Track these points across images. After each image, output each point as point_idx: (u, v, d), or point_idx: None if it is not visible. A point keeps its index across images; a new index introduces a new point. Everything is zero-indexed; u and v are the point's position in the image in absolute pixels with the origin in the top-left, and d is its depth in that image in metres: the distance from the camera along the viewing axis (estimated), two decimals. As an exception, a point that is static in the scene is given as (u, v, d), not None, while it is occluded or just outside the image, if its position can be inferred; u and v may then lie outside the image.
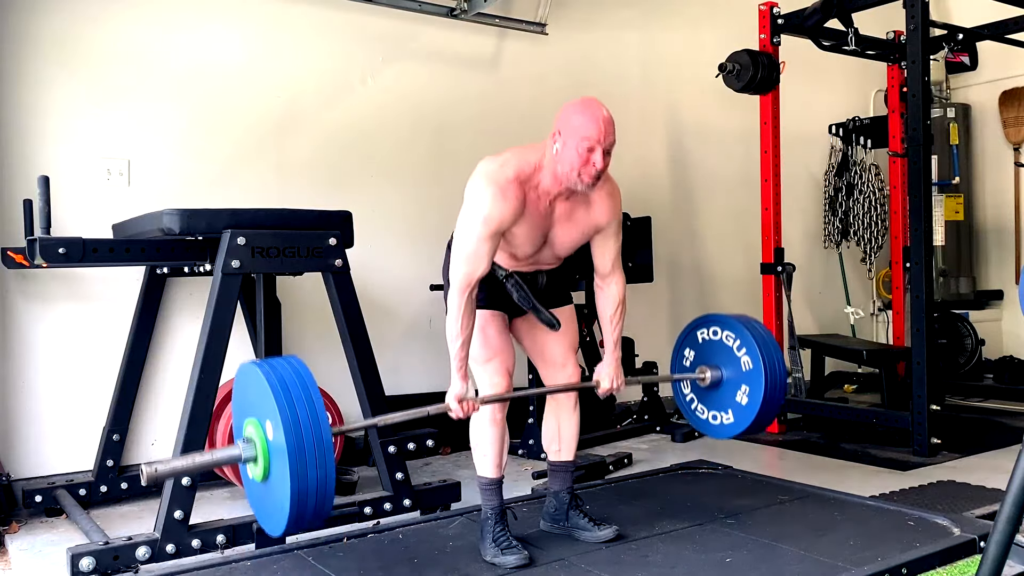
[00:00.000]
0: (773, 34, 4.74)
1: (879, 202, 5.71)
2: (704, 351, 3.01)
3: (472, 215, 2.47)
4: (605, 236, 2.67)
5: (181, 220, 2.93)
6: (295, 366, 2.18)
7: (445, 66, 4.77)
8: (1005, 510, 1.67)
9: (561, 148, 2.46)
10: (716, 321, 3.00)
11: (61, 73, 3.76)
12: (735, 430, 2.93)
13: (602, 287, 2.75)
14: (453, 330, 2.47)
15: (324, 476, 2.07)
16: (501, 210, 2.45)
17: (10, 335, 3.64)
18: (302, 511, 2.08)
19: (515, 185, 2.47)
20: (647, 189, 5.42)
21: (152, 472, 2.03)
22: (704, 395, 3.02)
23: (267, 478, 2.15)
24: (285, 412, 2.05)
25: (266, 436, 2.12)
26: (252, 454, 2.15)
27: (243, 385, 2.27)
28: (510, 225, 2.49)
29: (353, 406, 3.38)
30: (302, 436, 2.04)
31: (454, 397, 2.46)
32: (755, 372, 2.85)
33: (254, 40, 4.23)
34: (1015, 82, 6.32)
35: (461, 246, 2.48)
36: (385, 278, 4.49)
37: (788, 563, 2.50)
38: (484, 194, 2.46)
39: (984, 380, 5.74)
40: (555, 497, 2.82)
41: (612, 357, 2.76)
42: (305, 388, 2.12)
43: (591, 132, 2.42)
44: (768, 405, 2.86)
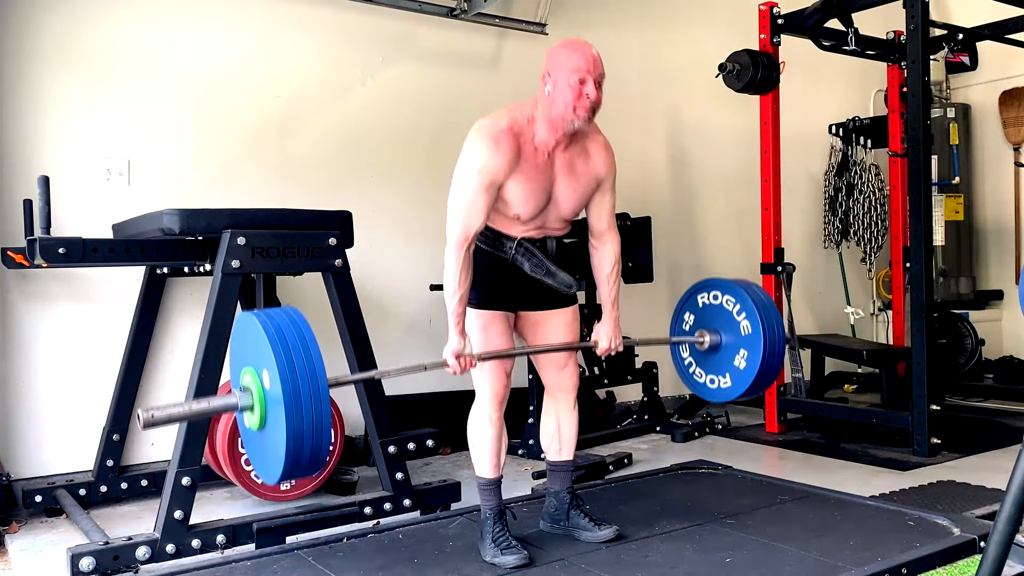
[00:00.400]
0: (773, 34, 4.74)
1: (879, 202, 5.71)
2: (704, 315, 2.98)
3: (466, 168, 2.48)
4: (602, 192, 2.68)
5: (181, 220, 2.93)
6: (292, 316, 2.18)
7: (445, 66, 4.77)
8: (1005, 510, 1.67)
9: (553, 88, 2.48)
10: (717, 285, 2.97)
11: (61, 73, 3.76)
12: (732, 394, 2.90)
13: (597, 247, 2.74)
14: (451, 285, 2.47)
15: (319, 424, 2.08)
16: (495, 160, 2.45)
17: (10, 335, 3.64)
18: (297, 459, 2.08)
19: (509, 136, 2.48)
20: (647, 189, 5.42)
21: (148, 418, 2.03)
22: (702, 359, 2.99)
23: (263, 427, 2.15)
24: (281, 361, 2.05)
25: (263, 385, 2.12)
26: (249, 403, 2.16)
27: (241, 334, 2.27)
28: (505, 176, 2.48)
29: (353, 406, 3.38)
30: (298, 385, 2.05)
31: (451, 352, 2.46)
32: (754, 337, 2.82)
33: (254, 40, 4.23)
34: (1015, 82, 6.32)
35: (457, 200, 2.49)
36: (385, 278, 4.49)
37: (788, 563, 2.50)
38: (478, 146, 2.47)
39: (984, 380, 5.74)
40: (555, 497, 2.82)
41: (610, 317, 2.74)
42: (302, 337, 2.12)
43: (580, 64, 2.47)
44: (766, 370, 2.83)
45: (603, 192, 2.68)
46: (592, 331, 2.78)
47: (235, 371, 2.28)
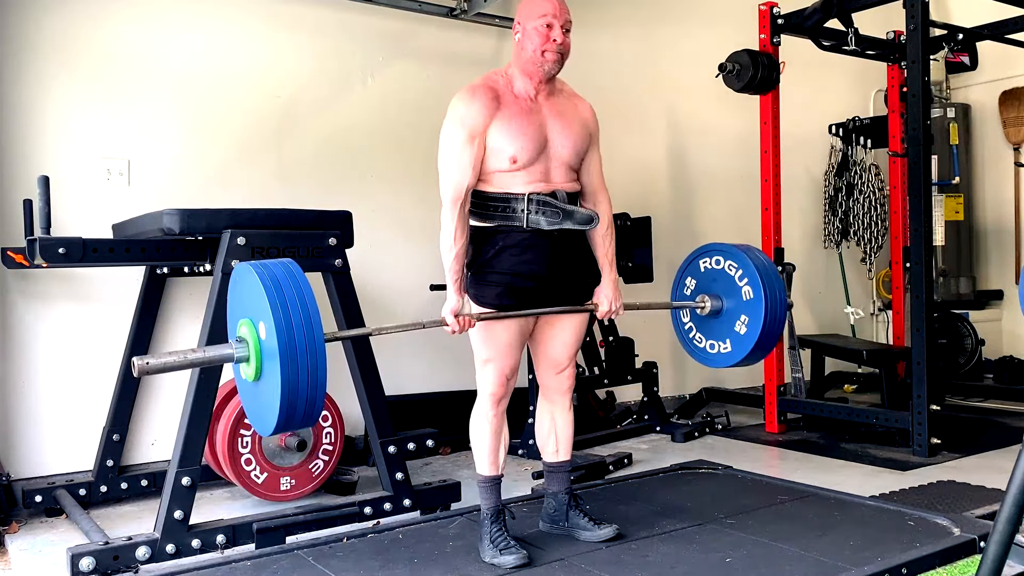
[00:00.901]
0: (773, 34, 4.74)
1: (879, 202, 5.71)
2: (705, 280, 2.96)
3: (448, 126, 2.54)
4: (592, 147, 2.72)
5: (181, 220, 2.93)
6: (290, 268, 2.18)
7: (445, 66, 4.77)
8: (1005, 510, 1.67)
9: (522, 36, 2.61)
10: (719, 250, 2.96)
11: (61, 73, 3.76)
12: (732, 359, 2.89)
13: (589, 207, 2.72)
14: (447, 243, 2.49)
15: (314, 376, 2.08)
16: (474, 108, 2.52)
17: (10, 335, 3.64)
18: (292, 411, 2.09)
19: (484, 88, 2.57)
20: (647, 189, 5.42)
21: (144, 365, 2.04)
22: (703, 324, 2.97)
23: (259, 378, 2.16)
24: (278, 312, 2.06)
25: (259, 336, 2.12)
26: (245, 354, 2.16)
27: (239, 286, 2.26)
28: (486, 122, 2.52)
29: (353, 406, 3.38)
30: (293, 336, 2.05)
31: (450, 311, 2.49)
32: (755, 302, 2.80)
33: (254, 40, 4.23)
34: (1015, 82, 6.32)
35: (444, 158, 2.53)
36: (385, 278, 4.49)
37: (788, 563, 2.50)
38: (455, 102, 2.55)
39: (984, 380, 5.74)
40: (554, 498, 2.81)
41: (609, 278, 2.73)
42: (299, 289, 2.12)
43: (546, 8, 2.57)
44: (766, 336, 2.82)
45: (592, 147, 2.72)
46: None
47: (232, 322, 2.28)
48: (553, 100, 2.65)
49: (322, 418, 3.39)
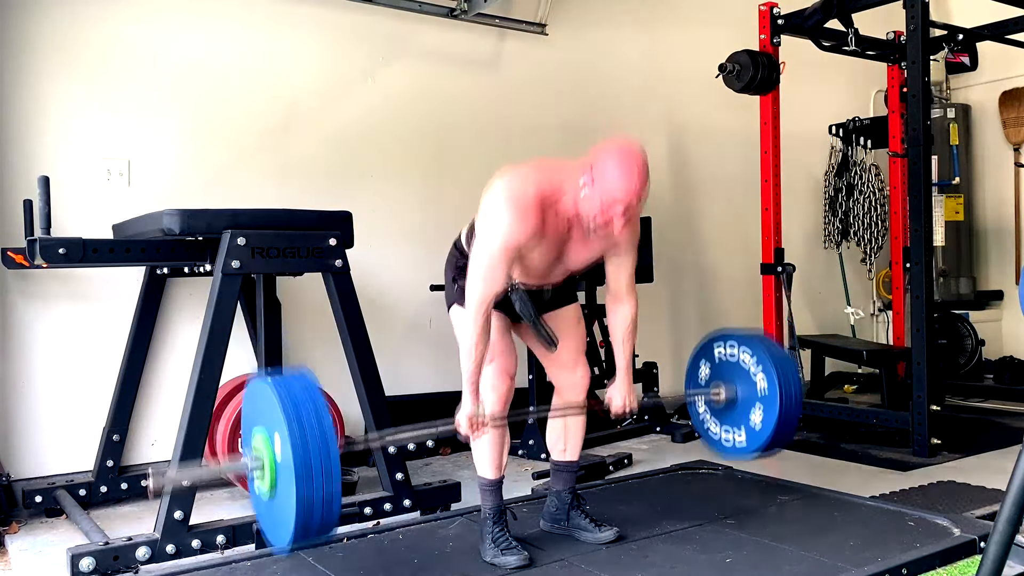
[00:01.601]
0: (773, 34, 4.74)
1: (879, 202, 5.70)
2: (720, 367, 3.00)
3: (491, 234, 2.41)
4: (620, 255, 2.63)
5: (181, 220, 2.93)
6: (305, 382, 2.19)
7: (445, 66, 4.77)
8: (1005, 510, 1.67)
9: (589, 192, 2.38)
10: (734, 338, 2.98)
11: (61, 73, 3.76)
12: (746, 452, 2.93)
13: (615, 308, 2.72)
14: (467, 349, 2.43)
15: (330, 493, 2.09)
16: (521, 232, 2.40)
17: (10, 335, 3.64)
18: (307, 526, 2.10)
19: (536, 207, 2.41)
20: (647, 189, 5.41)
21: (159, 483, 2.05)
22: (717, 412, 3.01)
23: (273, 491, 2.17)
24: (294, 430, 2.07)
25: (274, 452, 2.14)
26: (259, 467, 2.18)
27: (254, 399, 2.28)
28: (529, 242, 2.45)
29: (353, 406, 3.38)
30: (309, 455, 2.06)
31: (465, 417, 2.45)
32: (770, 396, 2.83)
33: (254, 40, 4.23)
34: (1015, 82, 6.32)
35: (478, 264, 2.43)
36: (385, 278, 4.49)
37: (788, 563, 2.50)
38: (504, 214, 2.39)
39: (984, 380, 5.74)
40: (557, 496, 2.82)
41: (624, 377, 2.73)
42: (316, 409, 2.13)
43: (621, 196, 2.34)
44: (782, 429, 2.84)
45: (621, 255, 2.63)
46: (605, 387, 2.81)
47: (247, 431, 2.30)
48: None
49: (322, 418, 3.39)
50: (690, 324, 5.70)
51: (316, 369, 4.13)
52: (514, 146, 4.94)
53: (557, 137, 5.02)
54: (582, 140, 5.49)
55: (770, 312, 4.80)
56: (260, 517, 2.33)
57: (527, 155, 4.95)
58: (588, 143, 2.51)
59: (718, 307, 5.82)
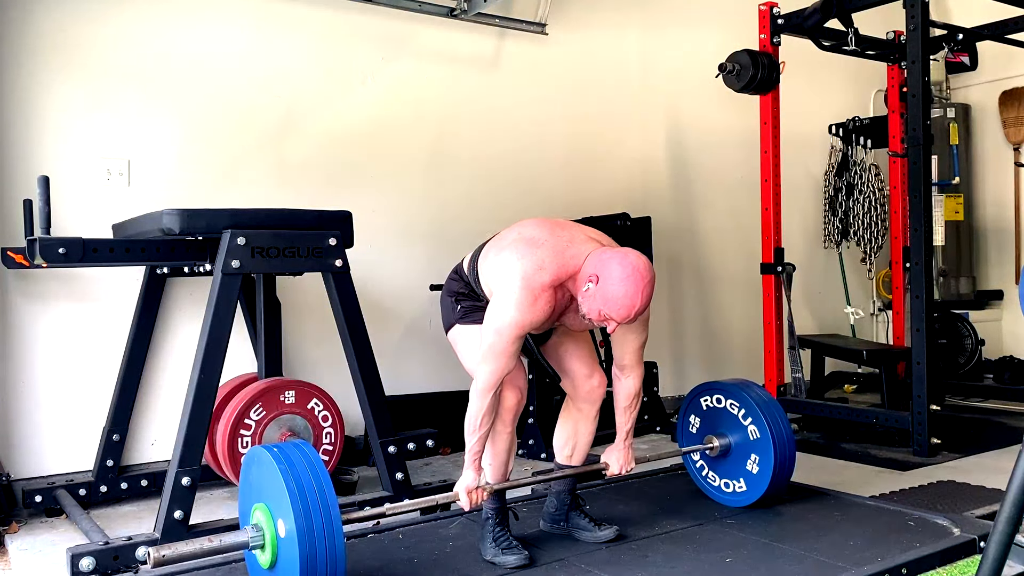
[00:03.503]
0: (773, 34, 4.74)
1: (879, 202, 5.70)
2: (709, 418, 3.09)
3: (503, 317, 2.41)
4: (628, 329, 2.61)
5: (181, 220, 2.93)
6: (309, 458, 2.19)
7: (445, 66, 4.77)
8: (1005, 510, 1.67)
9: (591, 296, 2.40)
10: (718, 388, 3.08)
11: (61, 73, 3.76)
12: (750, 499, 3.00)
13: (620, 378, 2.74)
14: (472, 425, 2.47)
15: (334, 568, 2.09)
16: (532, 317, 2.42)
17: (10, 335, 3.64)
18: None
19: (549, 292, 2.44)
20: (647, 189, 5.42)
21: (160, 558, 2.05)
22: (715, 463, 3.09)
23: (274, 567, 2.18)
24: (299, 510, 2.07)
25: (276, 531, 2.15)
26: (260, 542, 2.18)
27: (255, 468, 2.28)
28: (539, 324, 2.49)
29: (353, 406, 3.38)
30: (314, 537, 2.06)
31: (464, 488, 2.48)
32: (763, 442, 2.92)
33: (254, 40, 4.22)
34: (1015, 82, 6.32)
35: (491, 343, 2.43)
36: (385, 278, 4.49)
37: (788, 563, 2.50)
38: (520, 299, 2.40)
39: (984, 380, 5.73)
40: (556, 497, 2.83)
41: (623, 443, 2.78)
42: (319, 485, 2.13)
43: (620, 313, 2.38)
44: (779, 473, 2.92)
45: (629, 330, 2.62)
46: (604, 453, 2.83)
47: (245, 504, 2.30)
48: None
49: (322, 418, 3.39)
50: (690, 324, 5.70)
51: (316, 369, 4.17)
52: (514, 145, 4.94)
53: (557, 137, 5.02)
54: (582, 140, 5.50)
55: (770, 312, 4.80)
56: None
57: (527, 155, 4.99)
58: (588, 143, 2.52)
59: (718, 307, 5.83)
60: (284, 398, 3.32)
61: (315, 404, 3.38)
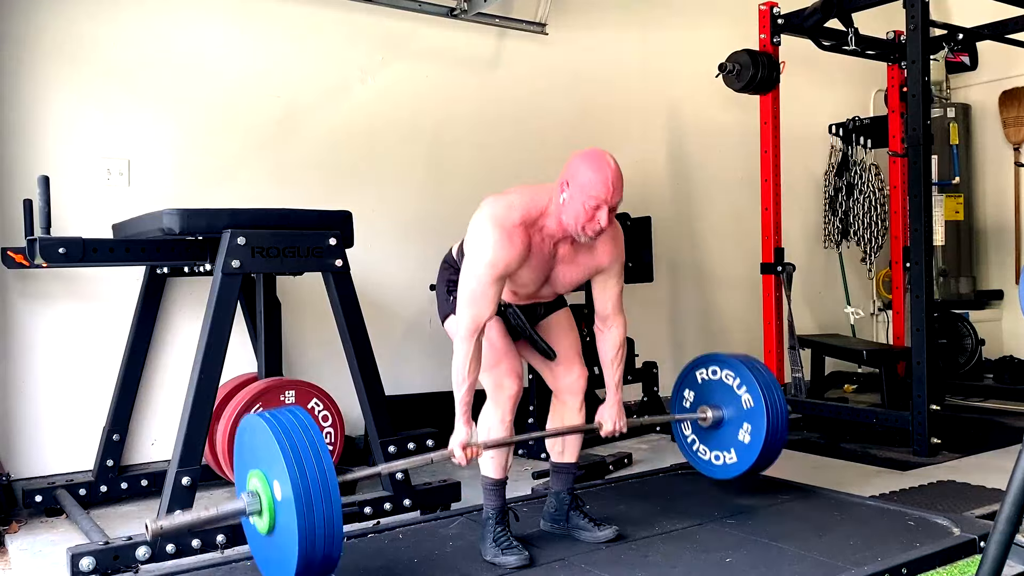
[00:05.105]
0: (773, 34, 4.74)
1: (879, 202, 5.70)
2: (704, 391, 3.04)
3: (478, 259, 2.44)
4: (606, 277, 2.66)
5: (181, 220, 2.93)
6: (302, 421, 2.18)
7: (445, 66, 4.77)
8: (1005, 510, 1.67)
9: (568, 200, 2.44)
10: (715, 360, 3.03)
11: (61, 73, 3.76)
12: (738, 470, 2.98)
13: (602, 330, 2.74)
14: (459, 375, 2.46)
15: (331, 533, 2.09)
16: (507, 255, 2.43)
17: (10, 335, 3.64)
18: (309, 565, 2.09)
19: (521, 229, 2.45)
20: (647, 189, 5.42)
21: (157, 529, 2.05)
22: (705, 436, 3.06)
23: (272, 532, 2.17)
24: (294, 473, 2.06)
25: (273, 494, 2.14)
26: (257, 508, 2.18)
27: (249, 436, 2.27)
28: (516, 268, 2.48)
29: (353, 406, 3.38)
30: (311, 497, 2.06)
31: (458, 443, 2.47)
32: (756, 410, 2.87)
33: (254, 40, 4.23)
34: (1015, 82, 6.32)
35: (467, 290, 2.45)
36: (385, 278, 4.49)
37: (788, 563, 2.50)
38: (490, 238, 2.42)
39: (984, 380, 5.73)
40: (556, 497, 2.83)
41: (614, 399, 2.76)
42: (313, 446, 2.13)
43: (599, 192, 2.40)
44: (771, 443, 2.89)
45: (607, 278, 2.66)
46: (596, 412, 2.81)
47: (241, 472, 2.29)
48: (575, 244, 2.58)
49: (322, 418, 3.40)
50: (690, 324, 5.70)
51: (316, 369, 4.17)
52: (514, 146, 4.94)
53: (557, 137, 5.02)
54: (582, 140, 5.49)
55: (770, 312, 4.81)
56: (256, 553, 2.32)
57: (528, 156, 4.99)
58: (588, 143, 2.52)
59: (718, 307, 5.83)
60: (284, 398, 3.32)
61: (315, 404, 3.38)
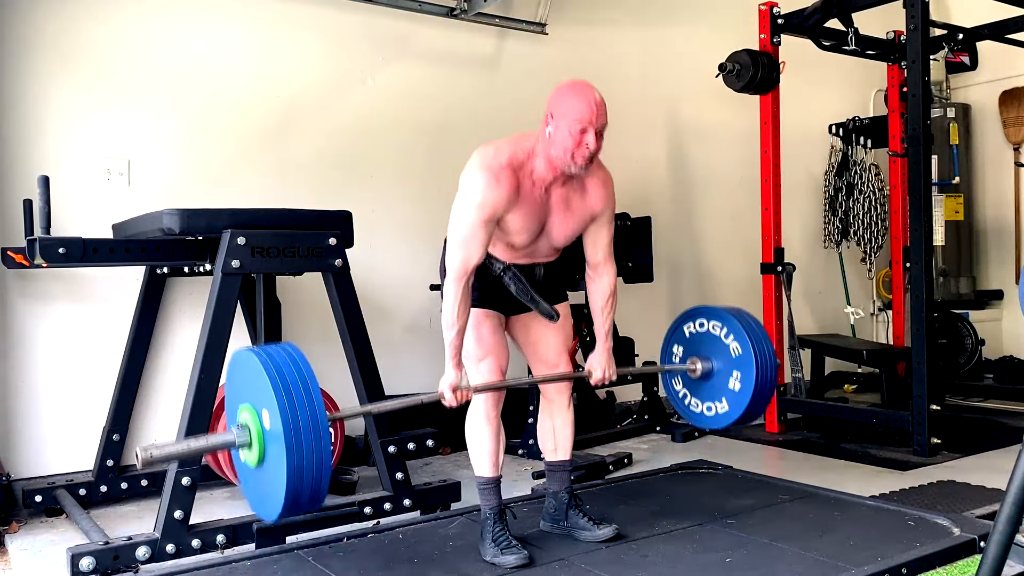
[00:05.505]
0: (773, 34, 4.74)
1: (879, 202, 5.70)
2: (692, 344, 3.00)
3: (466, 202, 2.47)
4: (599, 225, 2.68)
5: (181, 220, 2.93)
6: (292, 354, 2.17)
7: (445, 66, 4.77)
8: (1005, 510, 1.67)
9: (554, 131, 2.47)
10: (702, 313, 2.99)
11: (61, 73, 3.76)
12: (731, 418, 2.91)
13: (593, 278, 2.75)
14: (449, 318, 2.47)
15: (319, 463, 2.07)
16: (495, 196, 2.45)
17: (10, 335, 3.64)
18: (297, 497, 2.08)
19: (508, 171, 2.48)
20: (647, 189, 5.42)
21: (147, 456, 2.04)
22: (696, 388, 3.01)
23: (261, 464, 2.15)
24: (282, 400, 2.05)
25: (262, 424, 2.12)
26: (246, 440, 2.15)
27: (238, 371, 2.26)
28: (504, 212, 2.49)
29: (353, 406, 3.38)
30: (299, 425, 2.04)
31: (448, 386, 2.47)
32: (745, 357, 2.83)
33: (254, 40, 4.23)
34: (1015, 82, 6.32)
35: (456, 233, 2.48)
36: (385, 278, 4.49)
37: (788, 563, 2.50)
38: (477, 181, 2.46)
39: (984, 380, 5.74)
40: (554, 497, 2.82)
41: (604, 347, 2.76)
42: (302, 376, 2.12)
43: (584, 114, 2.44)
44: (761, 388, 2.84)
45: (599, 225, 2.67)
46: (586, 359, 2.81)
47: (231, 407, 2.27)
48: (566, 187, 2.59)
49: (322, 418, 3.39)
50: (690, 324, 5.70)
51: (316, 369, 4.14)
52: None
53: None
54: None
55: (770, 312, 4.81)
56: (246, 489, 2.30)
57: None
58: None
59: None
60: (284, 398, 3.32)
61: (315, 404, 3.37)
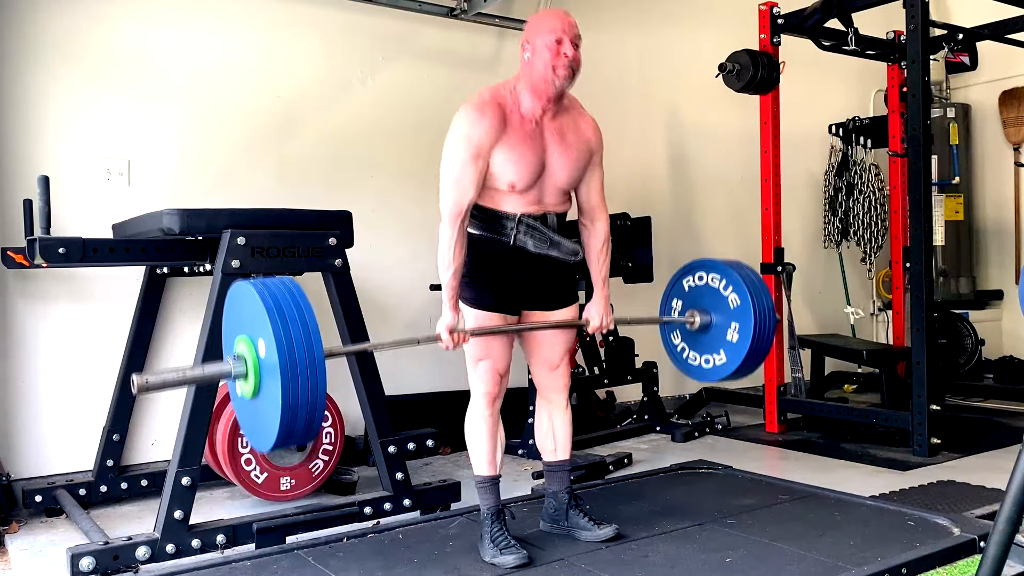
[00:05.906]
0: (773, 34, 4.74)
1: (879, 202, 5.70)
2: (691, 298, 2.97)
3: (453, 140, 2.52)
4: (592, 166, 2.72)
5: (181, 220, 2.93)
6: (289, 286, 2.17)
7: (445, 66, 4.77)
8: (1005, 510, 1.67)
9: (532, 53, 2.55)
10: (701, 266, 2.97)
11: (61, 72, 3.76)
12: (728, 369, 2.87)
13: (588, 225, 2.77)
14: (445, 259, 2.49)
15: (315, 393, 2.07)
16: (481, 128, 2.49)
17: (10, 335, 3.64)
18: (291, 427, 2.08)
19: (492, 104, 2.54)
20: (647, 189, 5.42)
21: (143, 383, 2.04)
22: (695, 341, 2.97)
23: (257, 394, 2.14)
24: (278, 329, 2.04)
25: (258, 354, 2.11)
26: (243, 370, 2.15)
27: (236, 303, 2.26)
28: (492, 143, 2.50)
29: (353, 406, 3.38)
30: (294, 353, 2.04)
31: (445, 327, 2.48)
32: (743, 308, 2.79)
33: (254, 40, 4.23)
34: (1015, 82, 6.32)
35: (446, 173, 2.51)
36: (385, 278, 4.49)
37: (788, 563, 2.50)
38: (461, 117, 2.52)
39: (984, 380, 5.74)
40: (554, 497, 2.82)
41: (600, 295, 2.78)
42: (298, 306, 2.11)
43: (556, 25, 2.52)
44: (759, 339, 2.81)
45: (593, 166, 2.72)
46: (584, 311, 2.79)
47: (228, 339, 2.27)
48: (558, 121, 2.62)
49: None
50: (690, 324, 5.69)
51: (316, 369, 4.16)
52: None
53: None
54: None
55: (770, 312, 4.80)
56: (242, 422, 2.30)
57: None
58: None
59: (718, 307, 5.82)
60: (284, 398, 3.32)
61: (315, 404, 3.37)
